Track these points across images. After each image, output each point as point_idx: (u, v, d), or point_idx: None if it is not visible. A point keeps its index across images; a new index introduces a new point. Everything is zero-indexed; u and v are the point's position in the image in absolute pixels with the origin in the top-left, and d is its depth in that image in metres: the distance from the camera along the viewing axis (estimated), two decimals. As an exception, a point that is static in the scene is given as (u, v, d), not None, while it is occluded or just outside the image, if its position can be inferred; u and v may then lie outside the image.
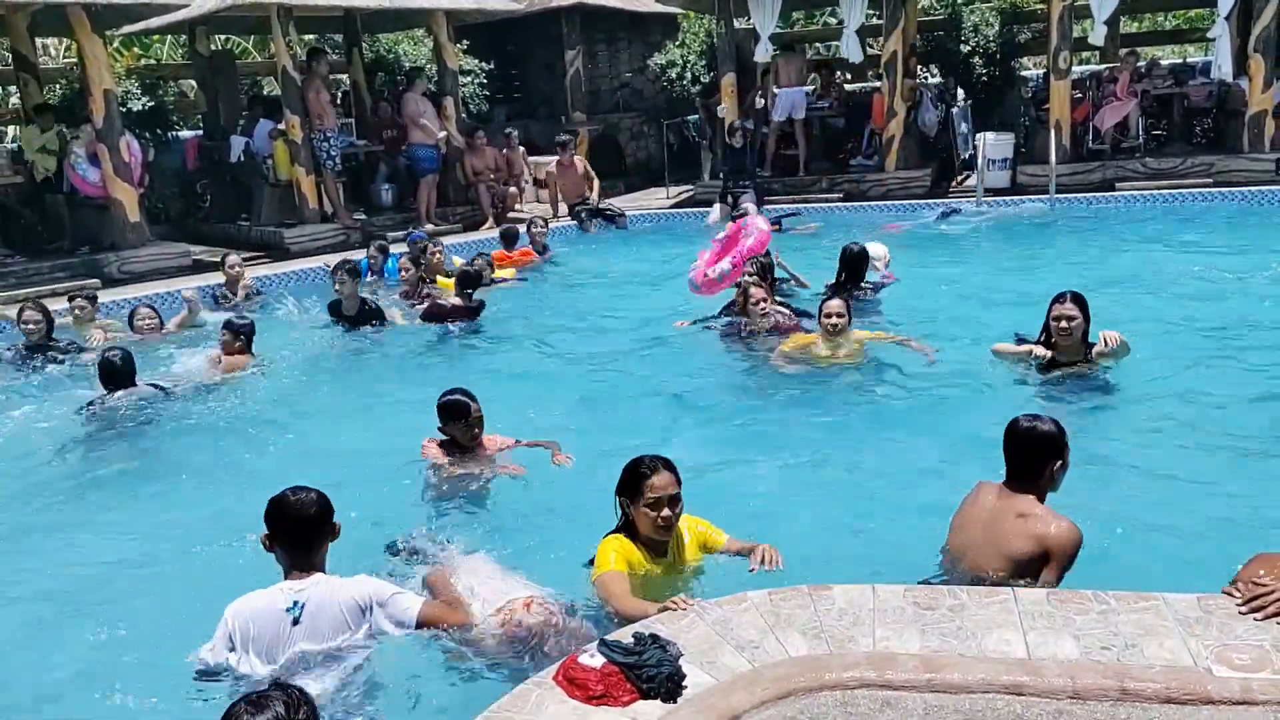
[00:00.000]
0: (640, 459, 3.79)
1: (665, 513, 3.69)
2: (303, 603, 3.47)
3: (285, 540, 3.56)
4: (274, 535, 3.58)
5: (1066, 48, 13.17)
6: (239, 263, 10.58)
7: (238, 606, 3.49)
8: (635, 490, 3.72)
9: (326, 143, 13.08)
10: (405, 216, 14.12)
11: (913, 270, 9.66)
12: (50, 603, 4.50)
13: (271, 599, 3.49)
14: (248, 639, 3.44)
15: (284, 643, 3.44)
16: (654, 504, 3.67)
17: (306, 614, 3.46)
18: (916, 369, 6.71)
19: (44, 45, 17.56)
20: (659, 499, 3.67)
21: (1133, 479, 4.86)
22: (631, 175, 17.71)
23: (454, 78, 14.84)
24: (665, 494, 3.68)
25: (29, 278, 11.54)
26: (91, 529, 5.33)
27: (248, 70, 17.45)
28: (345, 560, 3.83)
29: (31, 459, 6.33)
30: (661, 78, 17.39)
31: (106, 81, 11.58)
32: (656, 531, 3.73)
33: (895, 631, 3.00)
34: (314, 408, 7.20)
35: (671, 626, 3.10)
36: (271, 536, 3.58)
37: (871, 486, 5.06)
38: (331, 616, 3.48)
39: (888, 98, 14.13)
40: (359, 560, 4.03)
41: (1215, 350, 6.84)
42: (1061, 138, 13.20)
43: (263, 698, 2.38)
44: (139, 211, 12.12)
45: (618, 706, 2.75)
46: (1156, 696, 2.65)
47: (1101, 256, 10.06)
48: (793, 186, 14.97)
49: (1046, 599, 3.13)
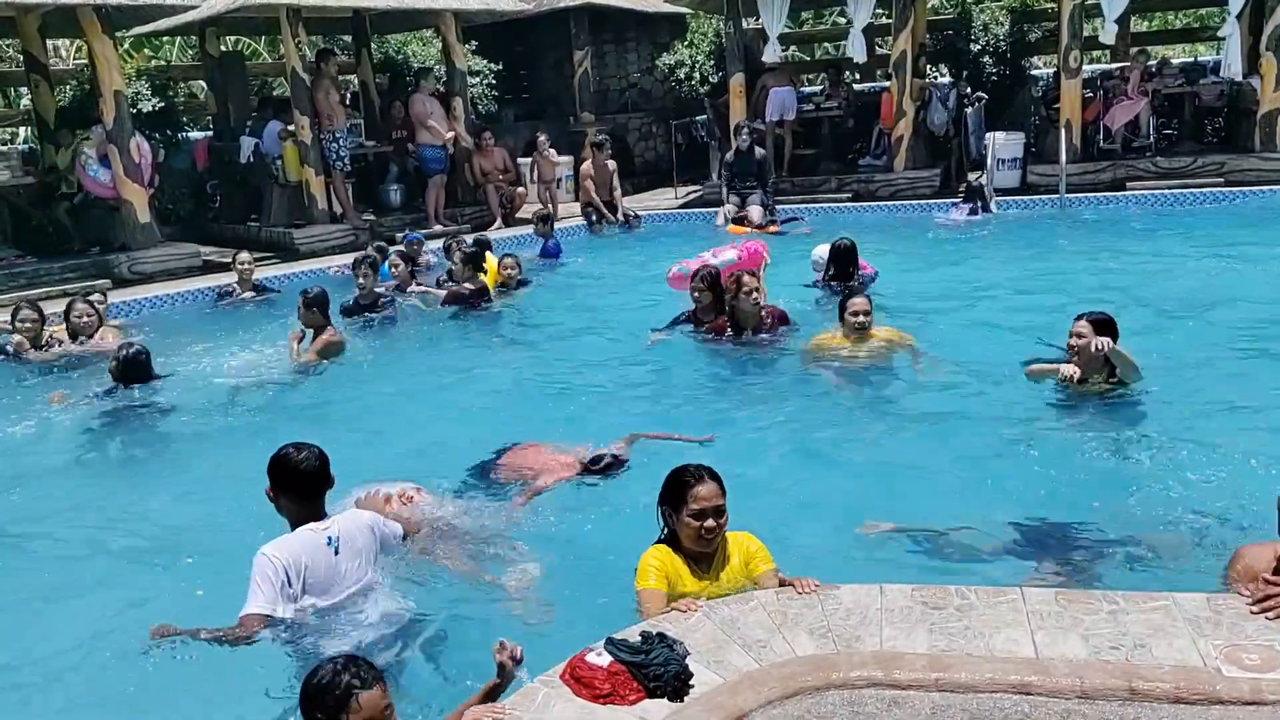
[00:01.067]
0: (685, 468, 3.66)
1: (709, 523, 3.52)
2: (335, 535, 3.79)
3: (296, 493, 3.81)
4: (282, 489, 3.81)
5: (1077, 46, 13.12)
6: (249, 261, 10.62)
7: (278, 552, 3.65)
8: (679, 499, 3.57)
9: (335, 143, 13.11)
10: (414, 217, 14.14)
11: (930, 267, 9.65)
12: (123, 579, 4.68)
13: (308, 539, 3.74)
14: (304, 579, 3.66)
15: (336, 574, 3.74)
16: (698, 514, 3.52)
17: (342, 544, 3.79)
18: (935, 372, 6.67)
19: (55, 47, 17.62)
20: (703, 510, 3.52)
21: (1147, 480, 4.84)
22: (640, 175, 17.71)
23: (463, 78, 14.86)
24: (710, 504, 3.53)
25: (39, 278, 11.59)
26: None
27: (257, 71, 17.50)
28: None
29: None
30: (670, 78, 17.37)
31: (117, 83, 11.62)
32: (699, 543, 3.57)
33: (902, 631, 2.99)
34: (382, 380, 7.55)
35: (678, 626, 3.10)
36: (278, 490, 3.82)
37: (881, 487, 5.05)
38: (360, 542, 3.86)
39: (896, 97, 14.10)
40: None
41: (1228, 351, 6.81)
42: (1072, 137, 13.15)
43: (325, 669, 2.62)
44: (149, 212, 12.15)
45: (625, 705, 2.75)
46: (1165, 696, 2.64)
47: (1111, 256, 10.03)
48: (802, 187, 14.96)
49: (1055, 599, 3.12)
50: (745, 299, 7.18)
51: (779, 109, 14.94)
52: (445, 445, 6.07)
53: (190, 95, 17.65)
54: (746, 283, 7.20)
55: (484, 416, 6.70)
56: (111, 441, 6.78)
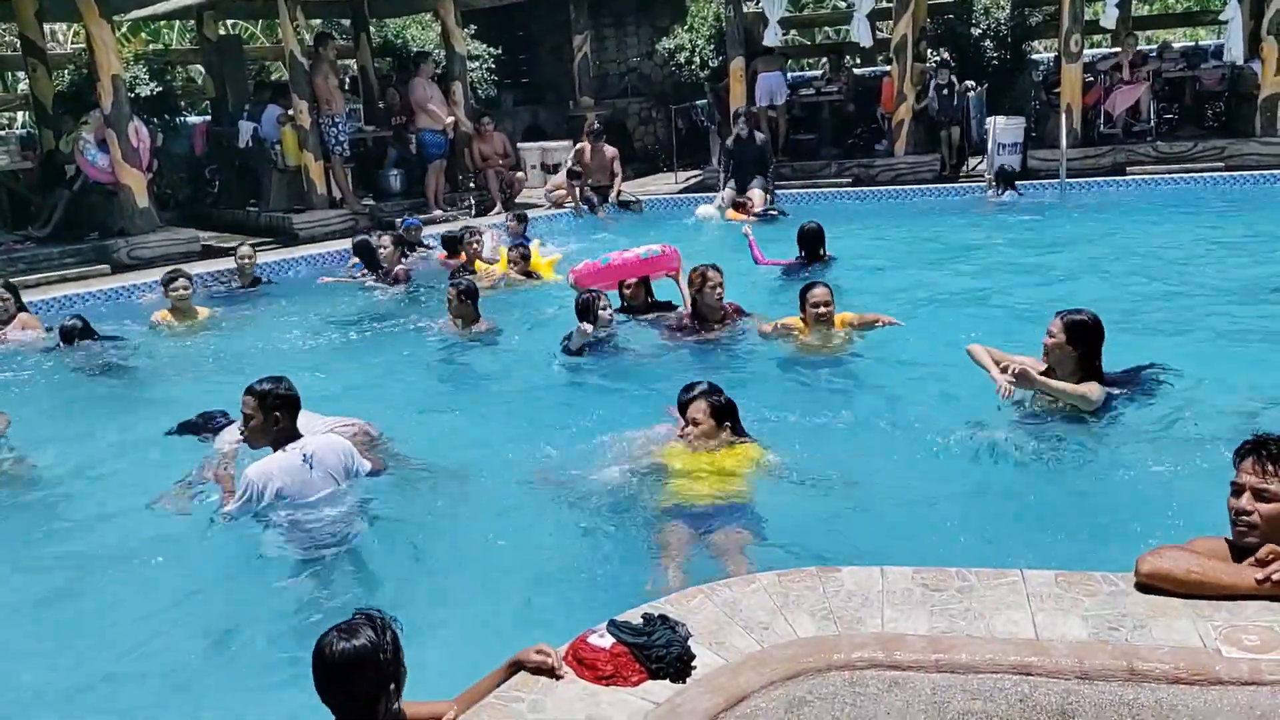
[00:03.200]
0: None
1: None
2: (310, 453, 4.54)
3: (274, 419, 4.53)
4: (261, 414, 4.52)
5: (1078, 31, 13.08)
6: (250, 254, 10.56)
7: (259, 471, 4.45)
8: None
9: (334, 128, 13.05)
10: (414, 202, 14.09)
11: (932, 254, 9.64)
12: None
13: (286, 458, 4.50)
14: (277, 493, 4.42)
15: (309, 485, 4.49)
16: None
17: (316, 460, 4.53)
18: (915, 351, 6.65)
19: (52, 31, 17.53)
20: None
21: (1141, 467, 4.84)
22: (639, 160, 17.67)
23: (462, 62, 14.79)
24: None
25: (39, 263, 11.57)
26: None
27: (255, 55, 17.42)
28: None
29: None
30: (670, 62, 17.31)
31: (115, 67, 11.57)
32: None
33: (903, 613, 3.01)
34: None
35: (680, 608, 3.11)
36: (255, 414, 4.53)
37: (878, 468, 5.05)
38: (332, 460, 4.60)
39: (897, 82, 14.06)
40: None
41: (1225, 334, 6.82)
42: (1072, 121, 13.13)
43: (352, 625, 2.58)
44: (148, 197, 12.12)
45: (627, 687, 2.76)
46: (1165, 677, 2.65)
47: (1111, 241, 10.02)
48: (802, 171, 14.93)
49: (1055, 580, 3.13)
50: (710, 292, 7.17)
51: (768, 94, 14.93)
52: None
53: (188, 79, 17.57)
54: (711, 277, 7.20)
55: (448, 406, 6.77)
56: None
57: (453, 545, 4.61)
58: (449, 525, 4.78)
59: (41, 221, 12.61)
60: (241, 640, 4.01)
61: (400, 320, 8.87)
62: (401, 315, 9.06)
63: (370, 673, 2.53)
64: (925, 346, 6.74)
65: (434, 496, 5.03)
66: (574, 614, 3.56)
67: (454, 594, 4.19)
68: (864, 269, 9.35)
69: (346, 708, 2.56)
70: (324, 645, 2.55)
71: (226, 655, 3.91)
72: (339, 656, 2.52)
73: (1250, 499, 3.02)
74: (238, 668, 3.82)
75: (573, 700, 2.72)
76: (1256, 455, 3.04)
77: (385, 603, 3.21)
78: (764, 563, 3.79)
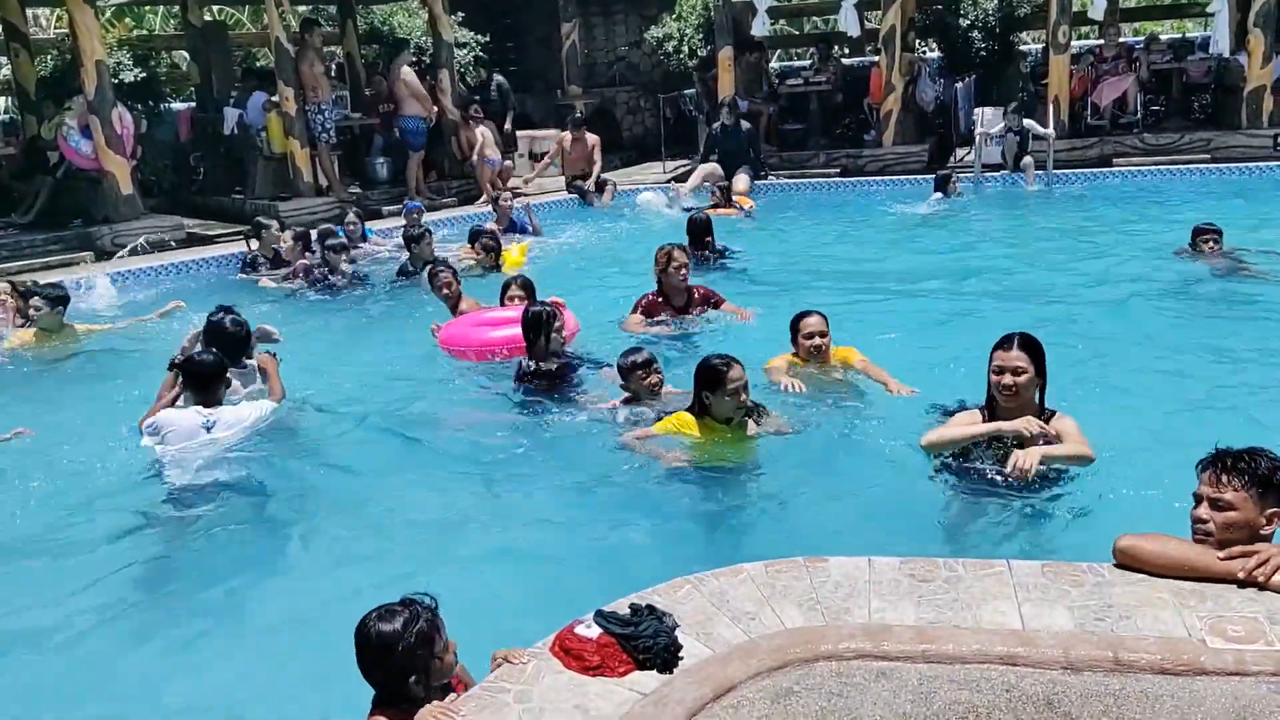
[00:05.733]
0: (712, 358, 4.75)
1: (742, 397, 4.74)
2: (213, 421, 5.21)
3: (194, 386, 5.28)
4: (185, 381, 5.30)
5: (1066, 22, 13.11)
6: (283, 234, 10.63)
7: (163, 417, 5.18)
8: (715, 384, 4.68)
9: (320, 115, 12.96)
10: (401, 190, 13.99)
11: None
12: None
13: (189, 415, 5.20)
14: (167, 435, 5.13)
15: (197, 441, 5.15)
16: (734, 393, 4.68)
17: (216, 428, 5.19)
18: (903, 346, 6.61)
19: (34, 15, 17.35)
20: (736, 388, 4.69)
21: (1128, 457, 4.86)
22: (628, 149, 17.62)
23: (449, 50, 14.70)
24: (742, 383, 4.71)
25: (21, 250, 11.47)
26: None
27: (241, 41, 17.28)
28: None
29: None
30: (658, 51, 17.25)
31: (98, 52, 11.46)
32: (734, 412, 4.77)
33: (891, 603, 3.01)
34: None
35: (668, 598, 3.10)
36: (181, 379, 5.31)
37: (865, 459, 5.06)
38: (233, 433, 5.22)
39: (885, 72, 14.05)
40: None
41: (1212, 327, 6.84)
42: (1060, 113, 13.15)
43: (390, 609, 2.76)
44: (132, 184, 12.02)
45: (614, 677, 2.76)
46: (1150, 667, 2.66)
47: (1095, 233, 10.04)
48: (790, 161, 14.91)
49: (1041, 571, 3.14)
50: (674, 273, 7.15)
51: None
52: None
53: (173, 65, 17.41)
54: (676, 257, 7.17)
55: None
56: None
57: (432, 537, 4.55)
58: (426, 515, 4.74)
59: (24, 208, 12.51)
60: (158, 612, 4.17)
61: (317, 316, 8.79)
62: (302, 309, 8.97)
63: (391, 656, 2.71)
64: (913, 342, 6.76)
65: (408, 485, 5.01)
66: (560, 604, 3.54)
67: (435, 587, 4.09)
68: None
69: (374, 680, 2.79)
70: (361, 622, 2.76)
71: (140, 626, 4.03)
72: (363, 636, 2.74)
73: (1207, 508, 3.15)
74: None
75: (559, 691, 2.71)
76: (1214, 467, 3.18)
77: (370, 594, 3.18)
78: (751, 553, 3.77)
